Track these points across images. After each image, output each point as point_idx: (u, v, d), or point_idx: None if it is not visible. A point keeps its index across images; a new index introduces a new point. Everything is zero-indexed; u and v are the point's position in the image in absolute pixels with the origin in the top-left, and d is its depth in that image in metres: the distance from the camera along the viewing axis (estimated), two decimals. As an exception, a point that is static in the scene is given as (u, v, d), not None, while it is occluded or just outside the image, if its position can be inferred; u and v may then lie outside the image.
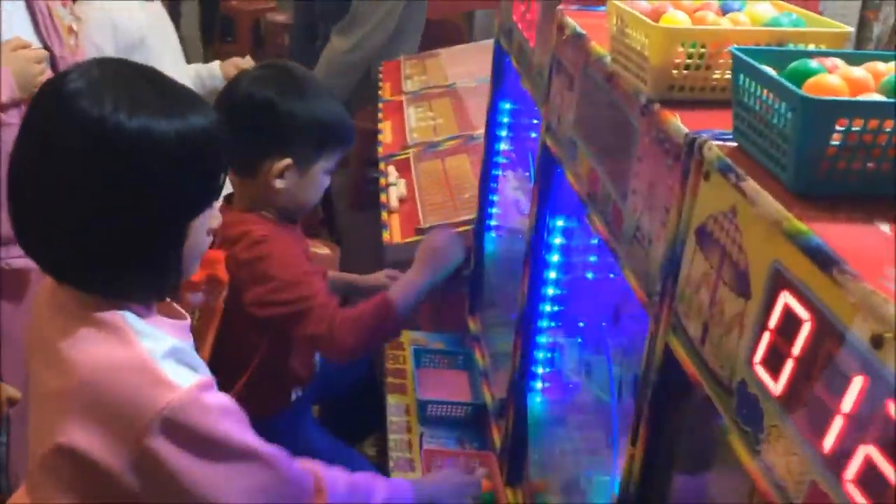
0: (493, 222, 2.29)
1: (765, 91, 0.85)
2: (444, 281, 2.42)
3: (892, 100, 0.83)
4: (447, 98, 3.25)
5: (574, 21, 1.47)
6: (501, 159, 2.24)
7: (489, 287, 2.31)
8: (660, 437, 1.08)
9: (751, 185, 0.85)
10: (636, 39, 1.10)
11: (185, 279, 1.17)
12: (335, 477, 1.30)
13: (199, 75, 2.72)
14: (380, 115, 3.28)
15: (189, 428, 1.05)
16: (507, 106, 2.20)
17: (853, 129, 0.79)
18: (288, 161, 1.69)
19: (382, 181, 2.74)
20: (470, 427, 2.06)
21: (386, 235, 2.44)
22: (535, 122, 2.10)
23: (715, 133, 0.97)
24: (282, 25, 5.40)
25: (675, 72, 1.06)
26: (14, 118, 1.86)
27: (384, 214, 2.54)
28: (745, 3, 1.15)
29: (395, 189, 2.62)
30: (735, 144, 0.93)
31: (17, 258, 1.89)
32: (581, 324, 1.70)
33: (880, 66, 0.91)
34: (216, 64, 2.74)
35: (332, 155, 1.75)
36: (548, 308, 1.73)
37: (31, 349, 1.20)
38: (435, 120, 3.09)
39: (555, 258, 1.69)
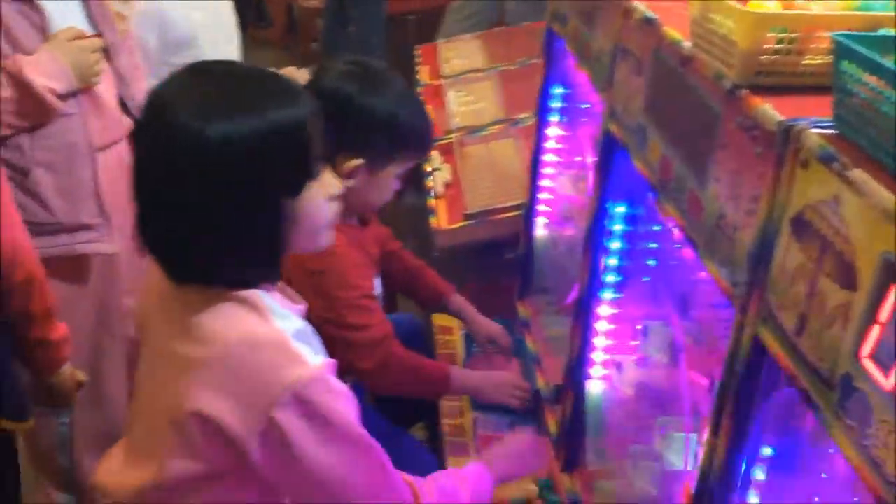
0: (542, 207, 2.28)
1: (874, 79, 0.83)
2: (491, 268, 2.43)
3: None
4: (488, 82, 3.22)
5: (641, 5, 1.45)
6: (552, 144, 2.22)
7: (538, 273, 2.30)
8: (744, 429, 1.07)
9: (858, 174, 0.83)
10: (722, 24, 1.07)
11: (319, 249, 1.24)
12: (424, 483, 1.33)
13: None
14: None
15: (315, 404, 1.11)
16: (559, 90, 2.17)
17: (971, 118, 0.77)
18: (359, 161, 1.66)
19: (426, 166, 2.73)
20: (522, 412, 2.05)
21: (434, 221, 2.43)
22: (587, 106, 2.09)
23: (811, 120, 0.95)
24: (315, 10, 5.38)
25: (763, 57, 1.04)
26: (73, 108, 1.85)
27: (431, 200, 2.53)
28: (830, -13, 1.12)
29: (440, 174, 2.61)
30: (834, 132, 0.91)
31: (83, 244, 1.90)
32: (641, 310, 1.69)
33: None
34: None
35: (406, 160, 1.72)
36: (607, 295, 1.72)
37: (150, 318, 1.24)
38: (476, 104, 3.07)
39: (615, 245, 1.68)
